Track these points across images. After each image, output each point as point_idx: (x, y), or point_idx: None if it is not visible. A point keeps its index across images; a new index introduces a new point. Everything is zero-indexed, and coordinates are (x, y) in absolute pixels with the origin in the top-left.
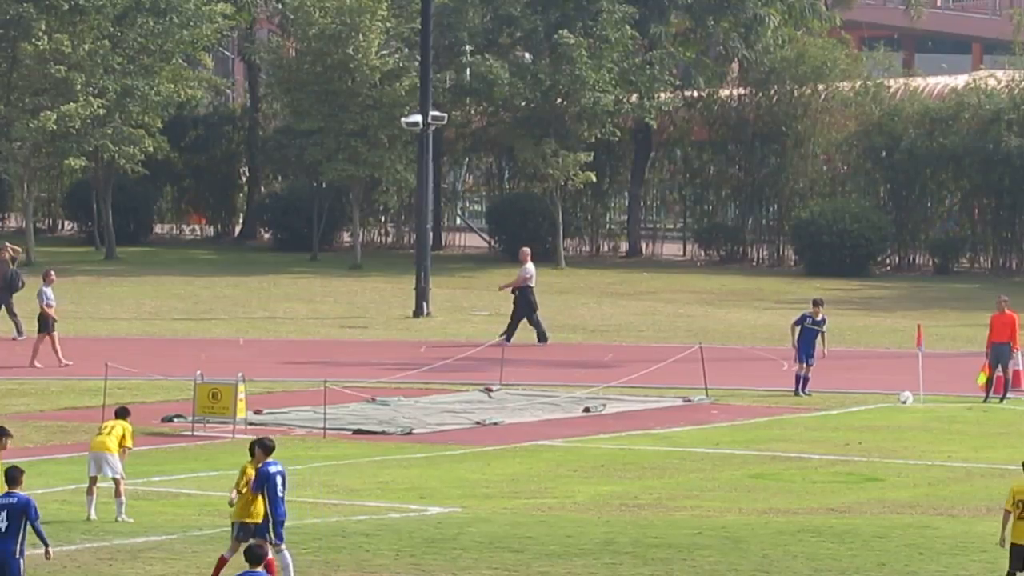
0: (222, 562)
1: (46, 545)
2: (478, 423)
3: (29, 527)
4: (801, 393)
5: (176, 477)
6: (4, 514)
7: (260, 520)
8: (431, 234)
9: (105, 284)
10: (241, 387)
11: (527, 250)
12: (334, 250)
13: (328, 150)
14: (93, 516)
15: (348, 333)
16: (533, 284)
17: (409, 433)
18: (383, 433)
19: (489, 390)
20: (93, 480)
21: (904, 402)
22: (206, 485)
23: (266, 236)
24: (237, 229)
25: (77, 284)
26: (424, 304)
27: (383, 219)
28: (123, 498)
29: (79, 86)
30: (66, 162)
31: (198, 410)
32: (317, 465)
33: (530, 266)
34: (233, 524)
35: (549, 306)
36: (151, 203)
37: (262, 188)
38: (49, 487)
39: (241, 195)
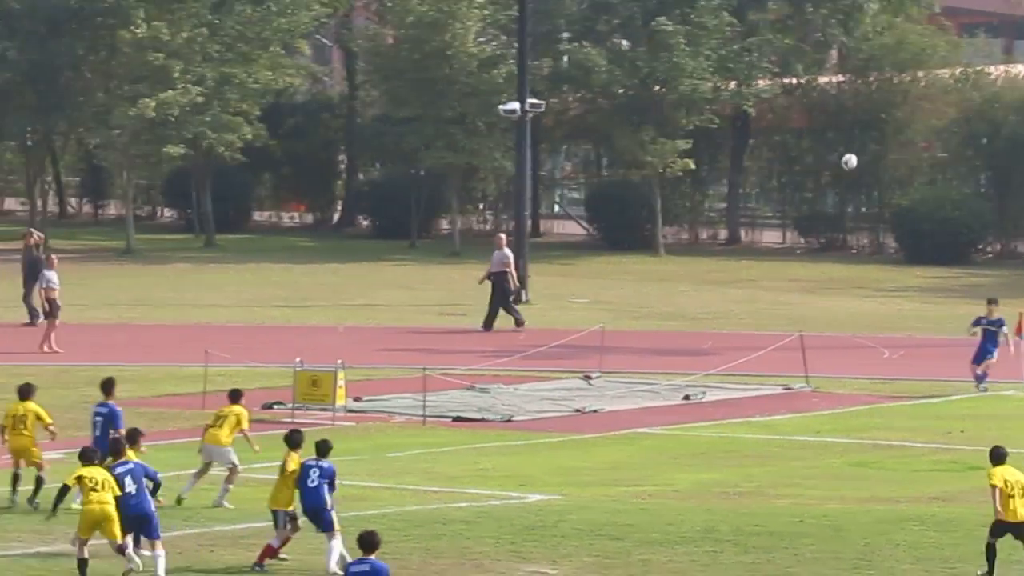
0: (270, 550)
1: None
2: (577, 410)
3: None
4: (980, 387)
5: (276, 464)
6: (129, 479)
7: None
8: (529, 221)
9: (204, 271)
10: (341, 374)
11: (502, 236)
12: (432, 237)
13: (426, 137)
14: (185, 496)
15: (447, 320)
16: (510, 270)
17: (508, 420)
18: (482, 420)
19: (588, 377)
20: (207, 466)
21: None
22: None
23: (365, 223)
24: (336, 216)
25: (177, 271)
26: (523, 291)
27: (481, 206)
28: (231, 485)
29: (177, 74)
30: (165, 150)
31: (298, 397)
32: (417, 452)
33: (507, 251)
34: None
35: (648, 293)
36: (250, 190)
37: (360, 175)
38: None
39: (339, 182)
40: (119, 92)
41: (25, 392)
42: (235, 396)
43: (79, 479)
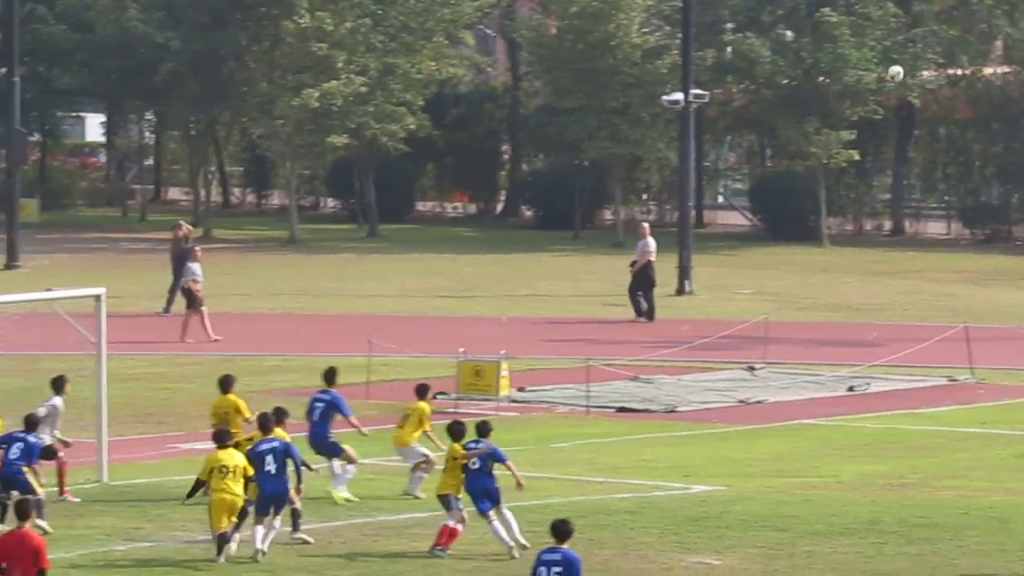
0: (449, 532)
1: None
2: (741, 401)
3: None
4: None
5: (440, 454)
6: (271, 457)
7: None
8: (693, 212)
9: (368, 261)
10: (504, 364)
11: (645, 225)
12: (596, 228)
13: (589, 128)
14: (415, 493)
15: (610, 311)
16: (654, 259)
17: (672, 411)
18: (646, 411)
19: (752, 368)
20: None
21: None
22: None
23: (528, 214)
24: (499, 207)
25: (340, 261)
26: (686, 282)
27: (645, 197)
28: (425, 474)
29: (341, 64)
30: (328, 140)
31: (461, 387)
32: (580, 443)
33: (650, 240)
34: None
35: (812, 284)
36: (413, 181)
37: (524, 166)
38: (316, 462)
39: (503, 173)
40: (282, 82)
41: (226, 384)
42: (421, 392)
43: (211, 471)
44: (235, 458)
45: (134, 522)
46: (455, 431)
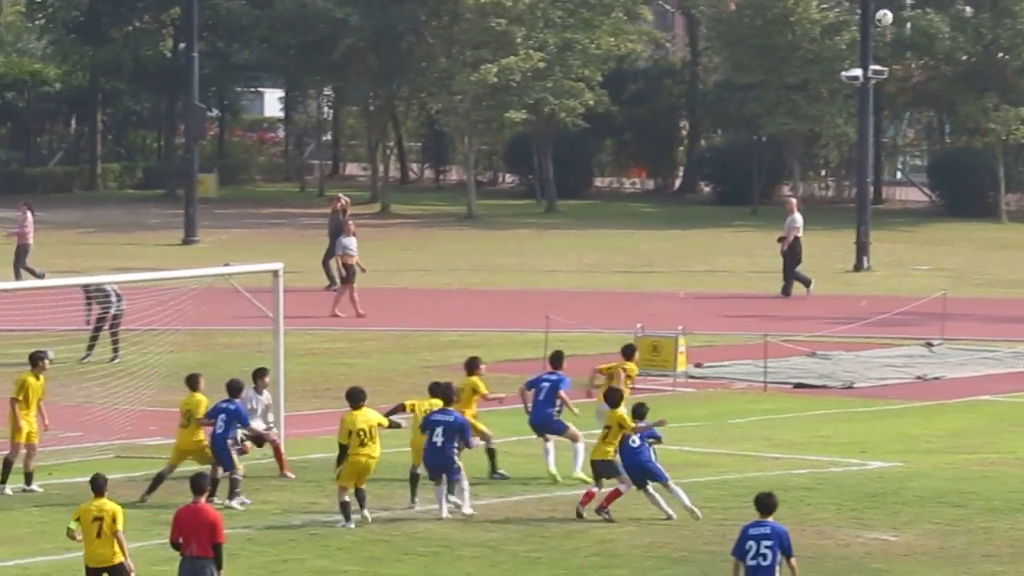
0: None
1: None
2: (919, 378)
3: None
4: None
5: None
6: (440, 430)
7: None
8: (871, 188)
9: (545, 237)
10: (681, 340)
11: (793, 200)
12: (773, 204)
13: (768, 104)
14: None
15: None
16: (800, 234)
17: (850, 387)
18: (823, 387)
19: (930, 344)
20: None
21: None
22: None
23: (706, 190)
24: (677, 182)
25: (518, 237)
26: (864, 258)
27: (823, 173)
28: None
29: (519, 39)
30: (506, 115)
31: (639, 363)
32: (757, 419)
33: (798, 216)
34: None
35: (990, 261)
36: (591, 156)
37: (702, 142)
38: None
39: (681, 149)
40: (461, 58)
41: (471, 366)
42: (627, 352)
43: (350, 434)
44: (369, 419)
45: (311, 497)
46: (612, 399)
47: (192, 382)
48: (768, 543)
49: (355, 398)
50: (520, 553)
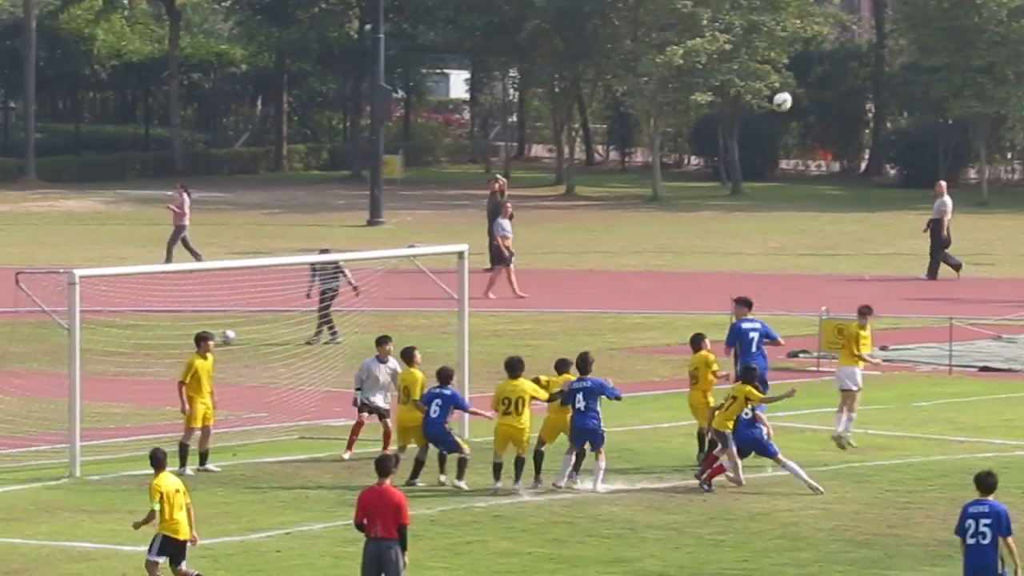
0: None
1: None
2: None
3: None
4: None
5: (800, 412)
6: (581, 395)
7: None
8: None
9: (730, 220)
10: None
11: (943, 183)
12: (960, 187)
13: (954, 86)
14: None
15: (975, 271)
16: (948, 218)
17: None
18: (1009, 371)
19: None
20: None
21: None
22: (831, 421)
23: (892, 172)
24: (863, 165)
25: (703, 219)
26: None
27: (1009, 156)
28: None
29: (705, 21)
30: (692, 97)
31: (823, 346)
32: (942, 402)
33: (946, 199)
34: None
35: None
36: (777, 139)
37: (888, 124)
38: (674, 421)
39: (867, 131)
40: (646, 39)
41: (697, 341)
42: (865, 313)
43: (499, 400)
44: (518, 389)
45: (492, 479)
46: (748, 376)
47: (407, 356)
48: (987, 522)
49: (512, 367)
50: (704, 536)
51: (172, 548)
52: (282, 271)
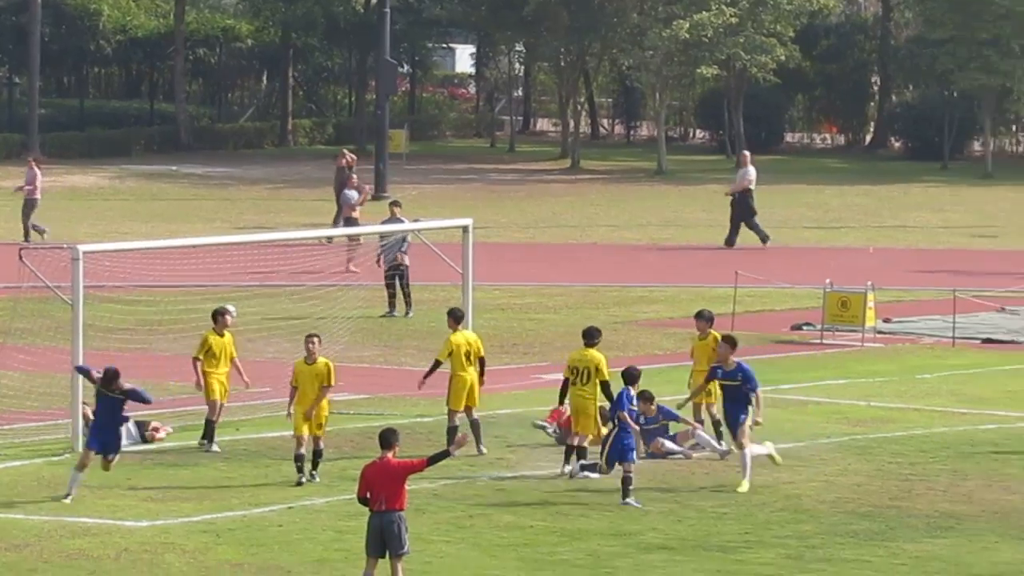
0: None
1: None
2: None
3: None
4: None
5: (804, 385)
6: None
7: None
8: None
9: None
10: (870, 296)
11: (747, 153)
12: (965, 159)
13: (960, 59)
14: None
15: (977, 243)
16: (753, 187)
17: None
18: (1012, 343)
19: None
20: None
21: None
22: (835, 393)
23: (896, 145)
24: (868, 138)
25: (708, 192)
26: None
27: (1014, 128)
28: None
29: None
30: (698, 71)
31: (827, 318)
32: (945, 374)
33: (750, 168)
34: None
35: None
36: (782, 112)
37: (893, 97)
38: (677, 394)
39: (872, 104)
40: (653, 13)
41: (710, 315)
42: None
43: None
44: (588, 359)
45: (498, 452)
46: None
47: (590, 336)
48: None
49: (588, 336)
50: (707, 508)
51: None
52: (285, 246)
